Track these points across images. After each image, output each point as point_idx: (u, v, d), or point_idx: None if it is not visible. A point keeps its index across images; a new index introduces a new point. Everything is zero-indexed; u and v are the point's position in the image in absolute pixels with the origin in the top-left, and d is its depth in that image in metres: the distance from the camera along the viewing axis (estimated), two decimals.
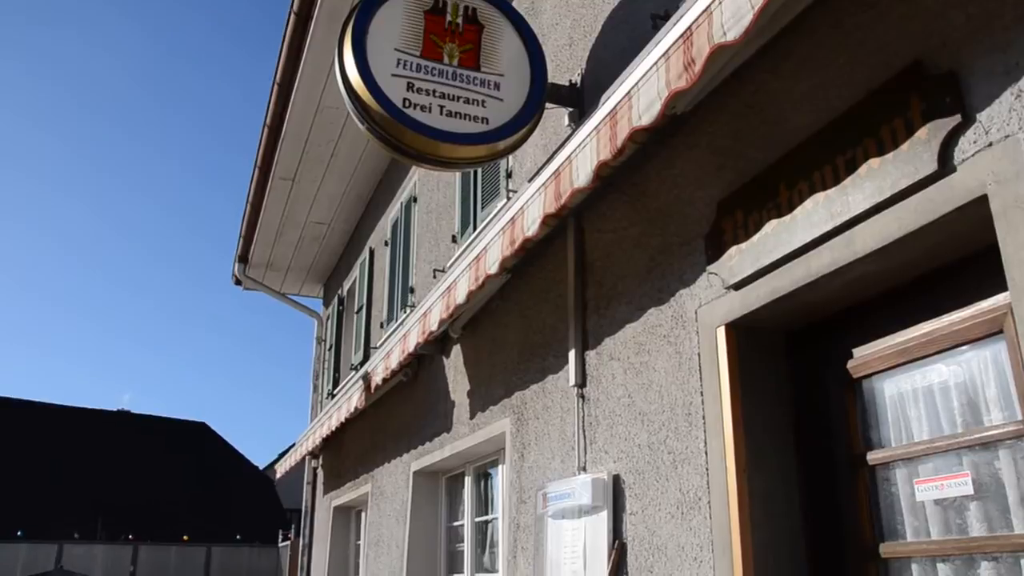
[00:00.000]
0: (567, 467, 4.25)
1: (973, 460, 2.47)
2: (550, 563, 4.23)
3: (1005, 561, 2.35)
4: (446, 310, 4.74)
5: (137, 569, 17.34)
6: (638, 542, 3.55)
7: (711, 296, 3.23)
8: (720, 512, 3.01)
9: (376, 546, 8.05)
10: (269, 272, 12.38)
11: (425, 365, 6.88)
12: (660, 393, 3.50)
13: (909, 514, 2.66)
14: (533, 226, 3.75)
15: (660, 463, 3.45)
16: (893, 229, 2.44)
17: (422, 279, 7.38)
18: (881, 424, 2.81)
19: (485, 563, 6.07)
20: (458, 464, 6.43)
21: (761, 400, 3.10)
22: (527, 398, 4.82)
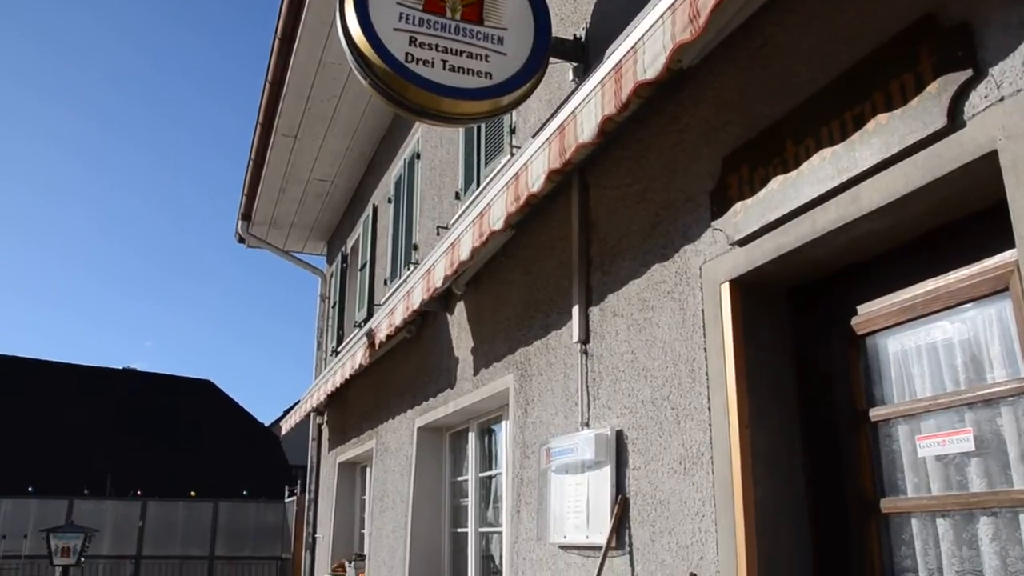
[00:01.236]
0: (570, 423, 4.28)
1: (975, 417, 2.48)
2: (553, 518, 4.27)
3: (1004, 516, 2.37)
4: (450, 266, 4.73)
5: (146, 524, 17.55)
6: (641, 497, 3.58)
7: (715, 252, 3.22)
8: (722, 467, 3.03)
9: (381, 501, 8.14)
10: (272, 230, 12.36)
11: (429, 322, 6.90)
12: (663, 349, 3.51)
13: (910, 470, 2.68)
14: (537, 182, 3.72)
15: (663, 419, 3.47)
16: (900, 185, 2.42)
17: (425, 236, 7.37)
18: (884, 381, 2.82)
19: (489, 517, 6.14)
20: (462, 420, 6.47)
21: (764, 356, 3.10)
22: (531, 354, 4.84)
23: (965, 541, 2.49)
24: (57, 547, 11.21)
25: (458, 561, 6.68)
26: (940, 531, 2.57)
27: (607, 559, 3.74)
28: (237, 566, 17.28)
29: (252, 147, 10.04)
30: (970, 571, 2.46)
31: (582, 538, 3.97)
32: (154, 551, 17.36)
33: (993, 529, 2.40)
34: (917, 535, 2.65)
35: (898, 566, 2.70)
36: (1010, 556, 2.35)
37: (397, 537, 7.32)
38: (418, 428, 6.96)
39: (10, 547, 16.31)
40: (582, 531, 3.97)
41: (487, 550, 6.19)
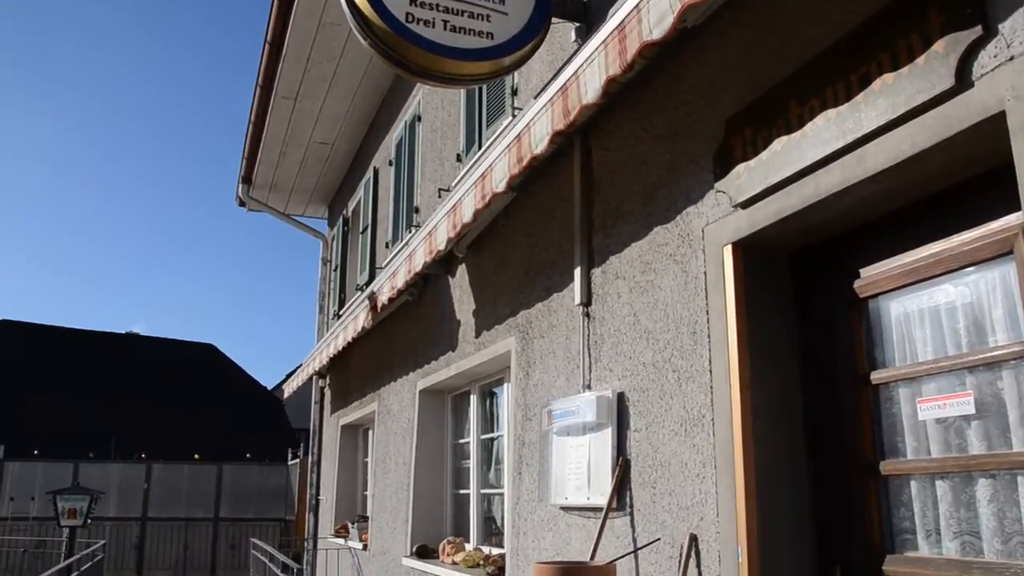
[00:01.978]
0: (572, 385, 4.29)
1: (976, 380, 2.48)
2: (554, 479, 4.30)
3: (1002, 478, 2.38)
4: (452, 229, 4.72)
5: (151, 487, 17.72)
6: (642, 459, 3.60)
7: (718, 214, 3.20)
8: (723, 429, 3.05)
9: (383, 463, 8.20)
10: (273, 193, 12.32)
11: (430, 285, 6.90)
12: (666, 311, 3.51)
13: (910, 433, 2.69)
14: (541, 143, 3.70)
15: (665, 381, 3.47)
16: (906, 147, 2.40)
17: (427, 199, 7.34)
18: (886, 344, 2.81)
19: (491, 479, 6.19)
20: (464, 383, 6.50)
21: (767, 319, 3.10)
22: (532, 317, 4.84)
23: (963, 503, 2.50)
24: (64, 509, 11.33)
25: (460, 522, 6.75)
26: (939, 493, 2.58)
27: (608, 520, 3.77)
28: (241, 527, 17.46)
29: (252, 109, 9.97)
30: (967, 532, 2.48)
31: (583, 499, 4.00)
32: (159, 513, 17.55)
33: (991, 491, 2.42)
34: (916, 497, 2.66)
35: (896, 527, 2.72)
36: (1007, 518, 2.37)
37: (400, 499, 7.39)
38: (420, 391, 6.99)
39: (18, 509, 16.50)
40: (583, 492, 4.00)
41: (489, 511, 6.25)
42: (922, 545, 2.63)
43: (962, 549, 2.49)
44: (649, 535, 3.50)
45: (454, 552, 6.02)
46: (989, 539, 2.41)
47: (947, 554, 2.53)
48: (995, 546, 2.39)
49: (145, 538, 17.30)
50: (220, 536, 17.67)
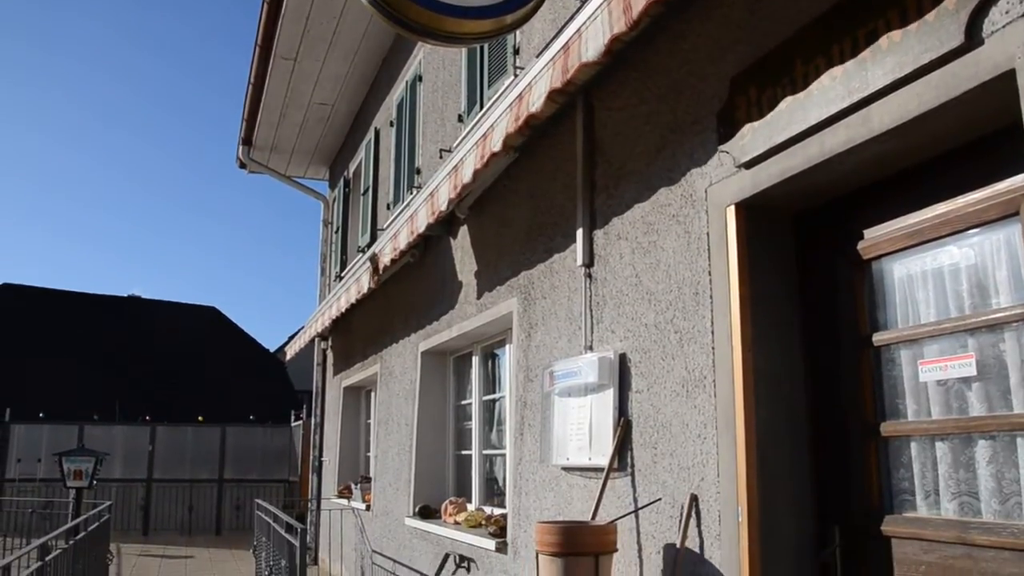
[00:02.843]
0: (574, 346, 4.29)
1: (978, 342, 2.48)
2: (556, 440, 4.32)
3: (1002, 440, 2.39)
4: (453, 189, 4.69)
5: (155, 449, 17.84)
6: (643, 419, 3.62)
7: (722, 175, 3.18)
8: (725, 390, 3.05)
9: (386, 425, 8.25)
10: (274, 155, 12.26)
11: (432, 246, 6.88)
12: (668, 272, 3.50)
13: (911, 394, 2.69)
14: (538, 102, 3.66)
15: (666, 342, 3.47)
16: (912, 106, 2.37)
17: (428, 160, 7.30)
18: (888, 306, 2.81)
19: (492, 440, 6.23)
20: (465, 344, 6.51)
21: (769, 280, 3.09)
22: (534, 278, 4.83)
23: (962, 464, 2.51)
24: (70, 470, 11.41)
25: (462, 483, 6.80)
26: (938, 454, 2.59)
27: (609, 480, 3.79)
28: (245, 488, 17.61)
29: (251, 70, 9.89)
30: (966, 493, 2.50)
31: (585, 460, 4.02)
32: (164, 475, 17.69)
33: (990, 452, 2.42)
34: (916, 458, 2.67)
35: (896, 488, 2.73)
36: (1005, 478, 2.38)
37: (402, 460, 7.44)
38: (422, 352, 7.01)
39: (25, 471, 16.65)
40: (584, 453, 4.02)
41: (491, 472, 6.29)
42: (921, 506, 2.64)
43: (960, 510, 2.51)
44: (650, 495, 3.52)
45: (456, 512, 6.07)
46: (987, 500, 2.42)
47: (945, 515, 2.55)
48: (993, 506, 2.40)
49: (151, 499, 17.46)
50: (224, 497, 17.81)
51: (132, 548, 14.12)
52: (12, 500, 14.38)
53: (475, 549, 5.41)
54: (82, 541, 7.42)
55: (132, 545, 14.57)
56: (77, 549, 7.09)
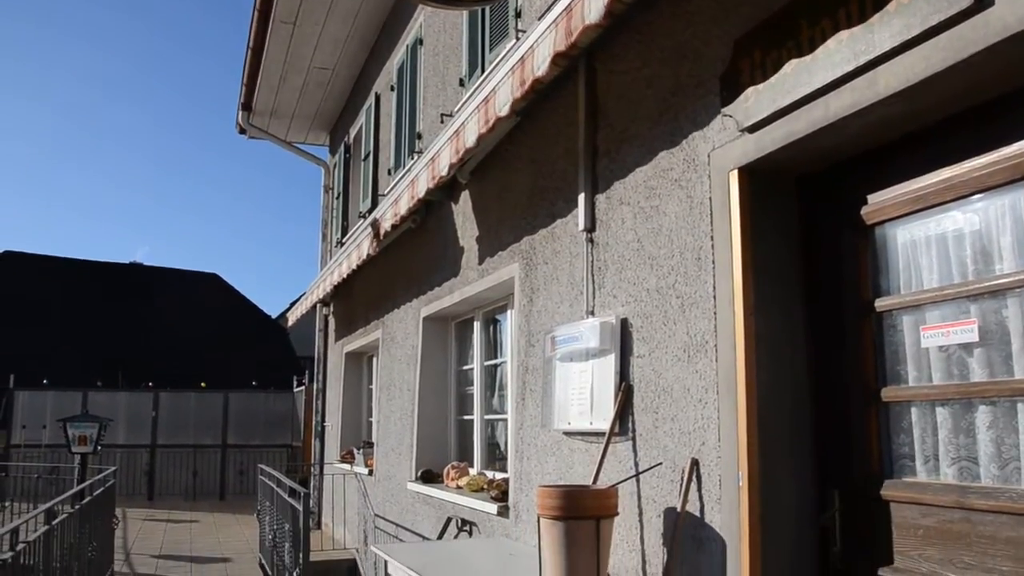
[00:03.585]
0: (575, 311, 4.29)
1: (981, 308, 2.47)
2: (558, 404, 4.34)
3: (1003, 405, 2.39)
4: (455, 154, 4.66)
5: (159, 415, 17.96)
6: (644, 384, 3.62)
7: (725, 139, 3.15)
8: (726, 355, 3.05)
9: (388, 390, 8.28)
10: (274, 120, 12.19)
11: (433, 211, 6.86)
12: (670, 237, 3.48)
13: (912, 360, 2.69)
14: (543, 66, 3.62)
15: (668, 307, 3.47)
16: (919, 69, 2.34)
17: (429, 124, 7.25)
18: (891, 271, 2.80)
19: (494, 405, 6.25)
20: (467, 309, 6.51)
21: (772, 244, 3.07)
22: (536, 243, 4.82)
23: (962, 429, 2.52)
24: (74, 436, 11.50)
25: (464, 447, 6.84)
26: (939, 419, 2.59)
27: (610, 445, 3.81)
28: (248, 454, 17.76)
29: (250, 34, 9.80)
30: (965, 458, 2.50)
31: (586, 424, 4.04)
32: (168, 440, 17.83)
33: (991, 418, 2.43)
34: (916, 423, 2.68)
35: (896, 453, 2.74)
36: (1005, 444, 2.39)
37: (404, 425, 7.48)
38: (423, 318, 7.02)
39: (30, 437, 16.78)
40: (586, 418, 4.03)
41: (492, 437, 6.33)
42: (920, 470, 2.65)
43: (959, 474, 2.51)
44: (651, 459, 3.54)
45: (458, 476, 6.11)
46: (986, 464, 2.43)
47: (944, 479, 2.56)
48: (992, 471, 2.41)
49: (155, 465, 17.61)
50: (228, 462, 17.97)
51: (137, 513, 14.27)
52: (18, 466, 14.51)
53: (477, 513, 5.45)
54: (88, 506, 7.49)
55: (137, 510, 14.72)
56: (83, 513, 7.16)
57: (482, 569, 4.17)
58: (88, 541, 7.47)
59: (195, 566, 9.42)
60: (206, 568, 9.34)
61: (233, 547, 10.80)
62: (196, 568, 9.31)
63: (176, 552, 10.33)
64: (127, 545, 10.85)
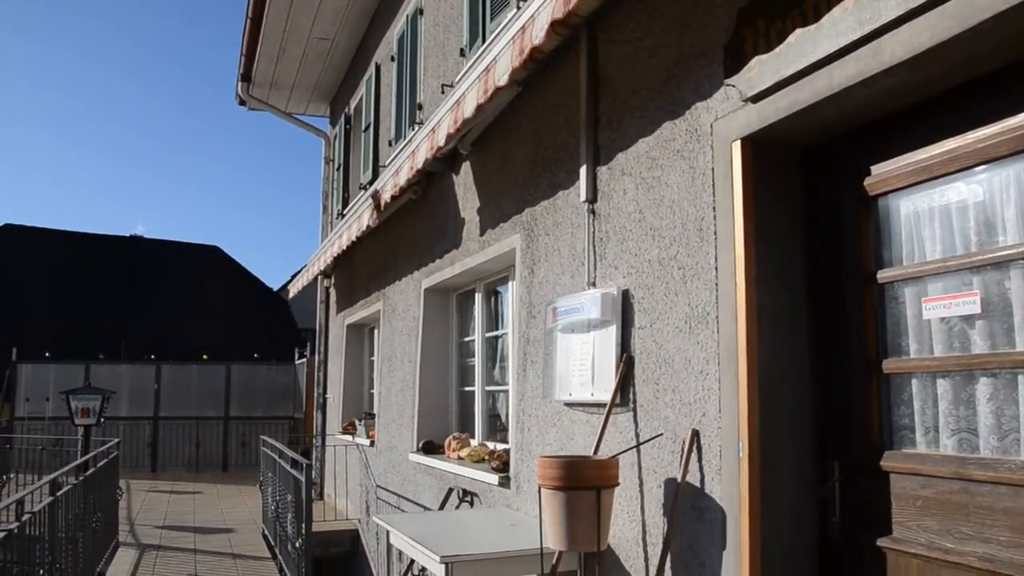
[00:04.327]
0: (577, 282, 4.29)
1: (983, 279, 2.46)
2: (559, 376, 4.35)
3: (1003, 377, 2.39)
4: (454, 124, 4.64)
5: (161, 387, 18.02)
6: (645, 355, 3.62)
7: (728, 109, 3.13)
8: (728, 326, 3.05)
9: (389, 362, 8.30)
10: (273, 91, 12.11)
11: (434, 183, 6.83)
12: (672, 208, 3.47)
13: (914, 332, 2.69)
14: (541, 34, 3.59)
15: (670, 278, 3.46)
16: (925, 38, 2.32)
17: (430, 95, 7.20)
18: (894, 243, 2.78)
19: (495, 376, 6.26)
20: (468, 281, 6.51)
21: (774, 215, 3.06)
22: (537, 214, 4.80)
23: (963, 401, 2.52)
24: (77, 408, 11.55)
25: (465, 419, 6.87)
26: (939, 391, 2.60)
27: (611, 416, 3.82)
28: (251, 425, 17.84)
29: (249, 4, 9.71)
30: (965, 429, 2.51)
31: (587, 395, 4.04)
32: (170, 412, 17.90)
33: (991, 389, 2.43)
34: (917, 395, 2.68)
35: (896, 424, 2.74)
36: (1005, 415, 2.39)
37: (405, 396, 7.50)
38: (425, 289, 7.01)
39: (34, 409, 16.85)
40: (587, 389, 4.04)
41: (494, 408, 6.35)
42: (920, 442, 2.66)
43: (959, 446, 2.52)
44: (652, 430, 3.55)
45: (460, 448, 6.14)
46: (986, 436, 2.44)
47: (944, 451, 2.57)
48: (991, 443, 2.42)
49: (158, 436, 17.69)
50: (230, 434, 18.04)
51: (141, 484, 14.37)
52: (23, 438, 14.58)
53: (478, 484, 5.48)
54: (92, 477, 7.54)
55: (141, 481, 14.82)
56: (87, 485, 7.20)
57: (483, 539, 4.20)
58: (93, 512, 7.53)
59: (199, 536, 9.50)
60: (210, 538, 9.42)
61: (236, 518, 10.88)
62: (200, 538, 9.39)
63: (180, 523, 10.41)
64: (131, 516, 10.93)
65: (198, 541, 9.19)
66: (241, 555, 8.50)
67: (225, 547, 8.88)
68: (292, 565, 6.96)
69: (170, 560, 8.22)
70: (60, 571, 5.78)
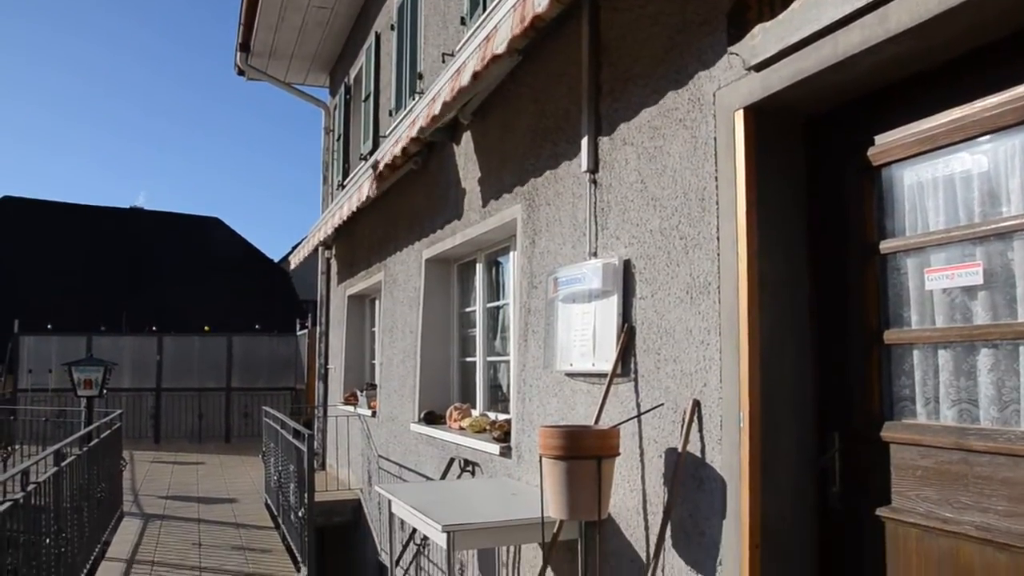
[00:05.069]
0: (578, 252, 4.28)
1: (986, 250, 2.45)
2: (560, 346, 4.35)
3: (1005, 348, 2.39)
4: (452, 93, 4.60)
5: (163, 358, 18.05)
6: (647, 326, 3.62)
7: (731, 78, 3.10)
8: (729, 296, 3.04)
9: (390, 332, 8.30)
10: (273, 61, 12.01)
11: (435, 153, 6.80)
12: (674, 178, 3.45)
13: (916, 303, 2.68)
14: (543, 1, 3.55)
15: (671, 248, 3.45)
16: (932, 4, 2.28)
17: (430, 64, 7.14)
18: (897, 213, 2.77)
19: (496, 347, 6.27)
20: (469, 251, 6.50)
21: (777, 186, 3.04)
22: (539, 184, 4.78)
23: (964, 372, 2.52)
24: (80, 379, 11.59)
25: (467, 389, 6.89)
26: (940, 362, 2.60)
27: (612, 386, 3.83)
28: (253, 396, 17.88)
29: None
30: (965, 400, 2.51)
31: (588, 366, 4.05)
32: (173, 384, 17.95)
33: (992, 360, 2.43)
34: (917, 366, 2.68)
35: (896, 395, 2.75)
36: (1006, 386, 2.39)
37: (407, 367, 7.52)
38: (426, 260, 7.01)
39: (37, 381, 16.90)
40: (588, 359, 4.04)
41: (495, 379, 6.36)
42: (920, 413, 2.66)
43: (959, 416, 2.52)
44: (653, 400, 3.55)
45: (461, 418, 6.16)
46: (986, 407, 2.44)
47: (944, 421, 2.57)
48: (991, 413, 2.42)
49: (160, 408, 17.76)
50: (233, 405, 18.10)
51: (144, 455, 14.45)
52: (26, 409, 14.64)
53: (479, 454, 5.51)
54: (96, 447, 7.58)
55: (144, 452, 14.90)
56: (91, 455, 7.24)
57: (485, 508, 4.22)
58: (97, 482, 7.57)
59: (203, 506, 9.57)
60: (213, 508, 9.48)
61: (239, 488, 10.95)
62: (204, 508, 9.45)
63: (184, 493, 10.48)
64: (135, 486, 11.00)
65: (202, 511, 9.26)
66: (244, 524, 8.56)
67: (228, 517, 8.94)
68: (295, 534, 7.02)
69: (174, 529, 8.29)
70: (66, 540, 5.83)
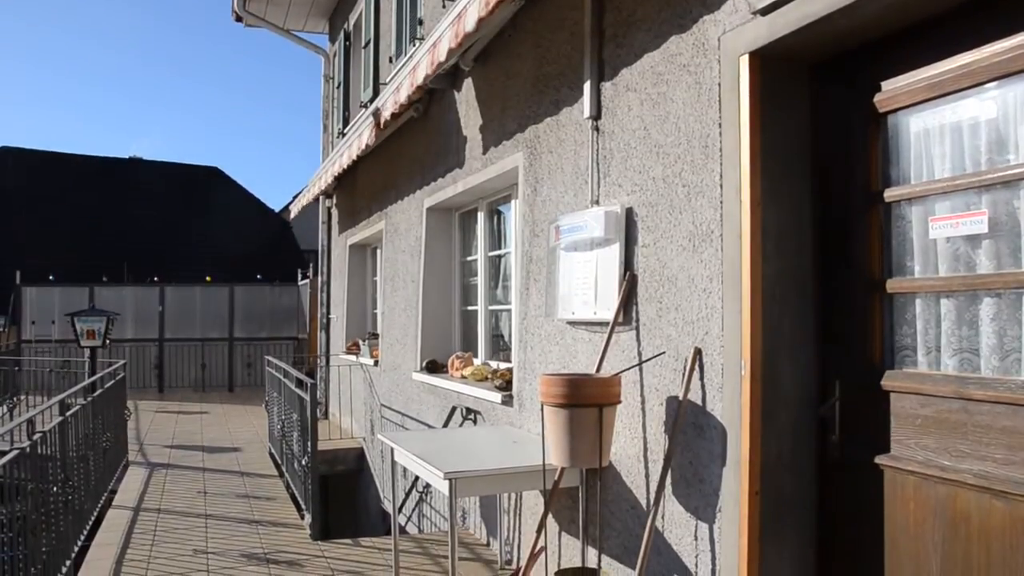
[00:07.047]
0: (580, 200, 4.25)
1: (992, 199, 2.43)
2: (561, 294, 4.35)
3: (1008, 297, 2.38)
4: (455, 39, 4.53)
5: (165, 309, 18.08)
6: (649, 274, 3.61)
7: (736, 22, 3.04)
8: (732, 245, 3.03)
9: (392, 282, 8.30)
10: (271, 7, 11.82)
11: (436, 100, 6.73)
12: (677, 125, 3.41)
13: (919, 252, 2.67)
14: None
15: (674, 196, 3.43)
16: None
17: (431, 10, 7.03)
18: (902, 161, 2.74)
19: (498, 296, 6.27)
20: (471, 200, 6.46)
21: (781, 132, 3.01)
22: (540, 131, 4.73)
23: (966, 321, 2.51)
24: (83, 330, 11.62)
25: (468, 338, 6.91)
26: (942, 311, 2.59)
27: (614, 334, 3.83)
28: (255, 346, 17.95)
29: None
30: (967, 350, 2.51)
31: (590, 314, 4.05)
32: (175, 334, 18.00)
33: (995, 310, 2.42)
34: (920, 315, 2.67)
35: (898, 344, 2.74)
36: (1007, 336, 2.38)
37: (409, 316, 7.53)
38: (427, 208, 6.98)
39: (40, 332, 16.95)
40: (590, 307, 4.04)
41: (496, 328, 6.38)
42: (921, 362, 2.66)
43: (960, 365, 2.53)
44: (654, 349, 3.56)
45: (463, 367, 6.19)
46: (987, 356, 2.44)
47: (945, 370, 2.57)
48: (992, 363, 2.42)
49: (164, 358, 17.83)
50: (235, 355, 18.17)
51: (149, 405, 14.55)
52: (30, 359, 14.71)
53: (481, 402, 5.54)
54: (100, 397, 7.62)
55: (148, 402, 15.00)
56: (96, 405, 7.28)
57: (487, 455, 4.26)
58: (102, 432, 7.63)
59: (207, 455, 9.65)
60: (218, 456, 9.57)
61: (243, 437, 11.04)
62: (208, 457, 9.54)
63: (188, 442, 10.57)
64: (140, 436, 11.09)
65: (206, 460, 9.34)
66: (249, 472, 8.65)
67: (233, 465, 9.03)
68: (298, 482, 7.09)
69: (179, 477, 8.37)
70: (73, 488, 5.88)
